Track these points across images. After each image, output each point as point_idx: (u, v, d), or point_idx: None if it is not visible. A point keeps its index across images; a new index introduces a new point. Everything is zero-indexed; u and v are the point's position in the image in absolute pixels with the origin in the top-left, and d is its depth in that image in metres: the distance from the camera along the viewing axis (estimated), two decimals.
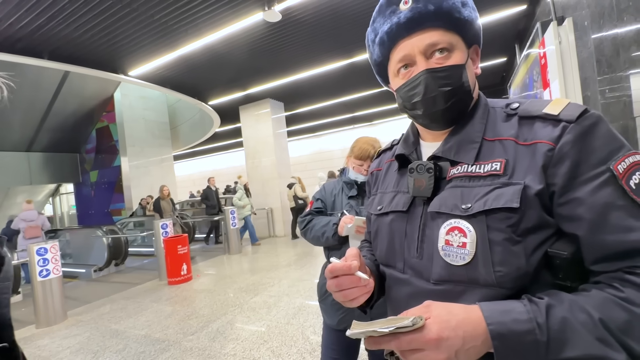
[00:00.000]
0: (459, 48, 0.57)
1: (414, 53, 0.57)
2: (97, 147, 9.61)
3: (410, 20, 0.56)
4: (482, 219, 0.50)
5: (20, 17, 3.80)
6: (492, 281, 0.49)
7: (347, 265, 0.56)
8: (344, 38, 5.15)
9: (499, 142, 0.55)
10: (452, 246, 0.52)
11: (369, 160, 1.43)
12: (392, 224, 0.65)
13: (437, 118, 0.58)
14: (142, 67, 5.47)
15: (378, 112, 11.52)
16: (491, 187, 0.51)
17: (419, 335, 0.42)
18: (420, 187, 0.60)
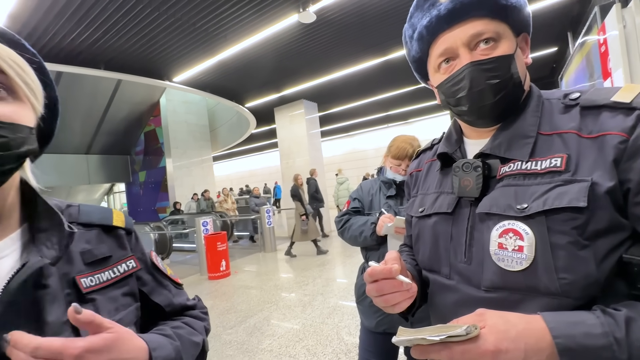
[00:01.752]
0: (506, 37, 0.53)
1: (457, 45, 0.53)
2: (145, 150, 10.35)
3: (452, 11, 0.52)
4: (542, 220, 0.45)
5: (81, 32, 4.19)
6: (556, 289, 0.44)
7: (387, 269, 0.52)
8: (378, 35, 5.07)
9: (558, 136, 0.50)
10: (506, 250, 0.48)
11: (407, 159, 1.38)
12: (435, 227, 0.61)
13: (485, 114, 0.54)
14: (185, 73, 5.80)
15: (413, 110, 11.20)
16: (551, 185, 0.46)
17: (474, 345, 0.39)
18: (467, 187, 0.55)
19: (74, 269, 0.46)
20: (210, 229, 5.46)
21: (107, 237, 0.53)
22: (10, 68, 0.40)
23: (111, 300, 0.48)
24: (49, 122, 0.49)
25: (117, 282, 0.50)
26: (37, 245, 0.43)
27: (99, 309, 0.46)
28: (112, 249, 0.53)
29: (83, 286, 0.46)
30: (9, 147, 0.38)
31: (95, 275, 0.48)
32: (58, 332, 0.40)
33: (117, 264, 0.52)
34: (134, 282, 0.54)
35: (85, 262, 0.48)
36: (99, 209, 0.56)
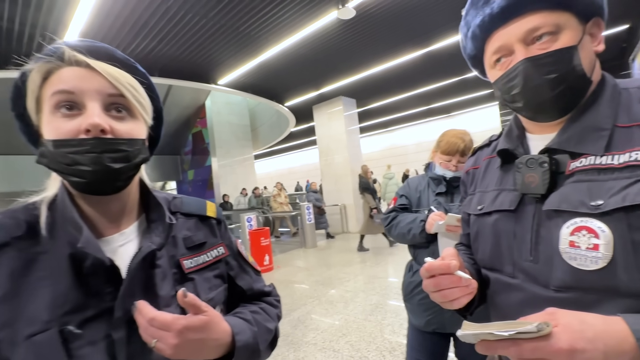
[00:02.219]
0: (568, 27, 0.49)
1: (511, 42, 0.52)
2: (193, 150, 11.03)
3: (505, 9, 0.51)
4: (621, 217, 0.43)
5: (138, 43, 4.57)
6: (637, 290, 0.42)
7: (445, 264, 0.52)
8: (420, 26, 4.89)
9: (639, 128, 0.46)
10: (579, 248, 0.45)
11: (458, 155, 1.33)
12: (496, 225, 0.59)
13: (543, 109, 0.52)
14: (228, 76, 6.08)
15: (457, 103, 10.65)
16: (632, 180, 0.43)
17: (545, 343, 0.37)
18: (532, 183, 0.53)
19: (178, 252, 0.55)
20: (254, 224, 5.69)
21: (203, 226, 0.61)
22: (128, 91, 0.48)
23: (206, 280, 0.56)
24: (155, 130, 0.57)
25: (210, 265, 0.58)
26: (149, 232, 0.52)
27: (197, 287, 0.54)
28: (207, 236, 0.60)
29: (185, 267, 0.54)
30: (129, 159, 0.47)
31: (194, 258, 0.56)
32: (168, 304, 0.49)
33: (210, 249, 0.59)
34: (223, 266, 0.62)
35: (186, 246, 0.56)
36: (196, 200, 0.64)
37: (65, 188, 0.48)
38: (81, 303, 0.43)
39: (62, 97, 0.44)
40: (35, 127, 0.48)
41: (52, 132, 0.44)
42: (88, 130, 0.43)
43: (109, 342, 0.44)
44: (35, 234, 0.45)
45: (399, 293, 3.61)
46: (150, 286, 0.49)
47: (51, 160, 0.44)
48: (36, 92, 0.46)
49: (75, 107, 0.45)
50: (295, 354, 2.55)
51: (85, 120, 0.43)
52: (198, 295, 0.48)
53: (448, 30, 5.09)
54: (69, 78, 0.45)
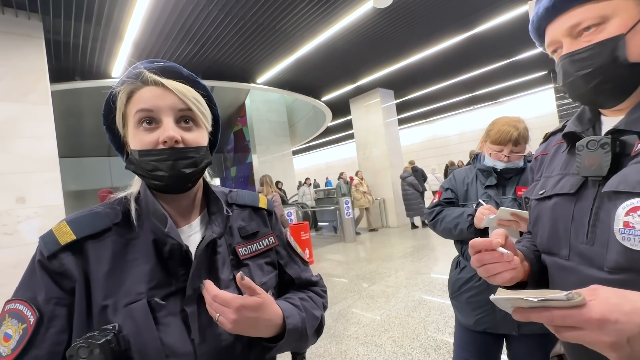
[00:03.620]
0: (620, 13, 0.49)
1: (558, 37, 0.54)
2: (235, 148, 11.52)
3: (554, 3, 0.53)
4: None
5: (183, 49, 4.85)
6: None
7: (488, 240, 0.55)
8: (461, 8, 4.60)
9: None
10: (633, 229, 0.45)
11: (511, 144, 1.23)
12: (555, 208, 0.60)
13: (589, 100, 0.54)
14: (266, 74, 6.22)
15: (504, 88, 9.89)
16: None
17: (577, 312, 0.38)
18: (593, 165, 0.52)
19: (234, 240, 0.62)
20: (294, 218, 5.82)
21: (256, 216, 0.68)
22: (194, 105, 0.56)
23: (259, 266, 0.63)
24: (214, 134, 0.66)
25: (262, 252, 0.64)
26: (211, 224, 0.60)
27: (251, 272, 0.61)
28: (259, 226, 0.67)
29: (240, 254, 0.61)
30: (197, 164, 0.55)
31: (248, 246, 0.63)
32: (227, 286, 0.56)
33: (262, 238, 0.66)
34: (274, 254, 0.68)
35: (241, 235, 0.64)
36: (250, 193, 0.71)
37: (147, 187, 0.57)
38: (163, 281, 0.52)
39: (143, 115, 0.53)
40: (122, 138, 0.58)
41: (137, 143, 0.54)
42: (165, 142, 0.52)
43: (185, 314, 0.52)
44: (128, 223, 0.55)
45: (442, 290, 3.49)
46: (213, 270, 0.56)
47: (137, 167, 0.54)
48: (122, 109, 0.56)
49: (153, 121, 0.54)
50: (337, 346, 2.58)
51: (163, 134, 0.53)
52: (252, 279, 0.55)
53: (495, 9, 4.73)
54: (148, 97, 0.54)
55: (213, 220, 0.60)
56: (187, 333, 0.51)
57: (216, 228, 0.58)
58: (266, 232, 0.67)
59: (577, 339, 0.39)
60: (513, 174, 1.27)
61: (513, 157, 1.25)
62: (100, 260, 0.51)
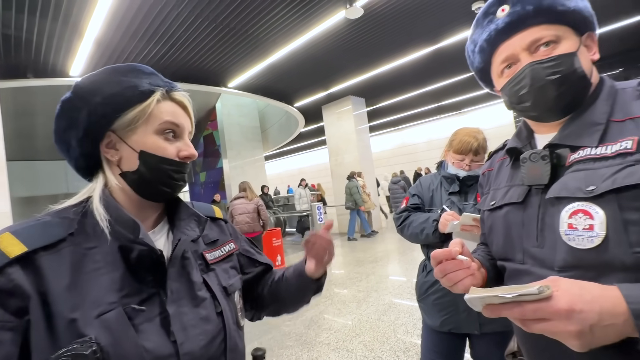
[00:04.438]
0: (566, 38, 0.56)
1: (517, 52, 0.58)
2: (204, 152, 11.18)
3: (509, 24, 0.57)
4: (612, 199, 0.47)
5: (150, 49, 4.67)
6: (630, 263, 0.45)
7: (447, 250, 0.58)
8: (428, 24, 4.85)
9: (631, 121, 0.52)
10: (576, 230, 0.50)
11: (471, 154, 1.31)
12: (507, 217, 0.64)
13: (549, 107, 0.57)
14: (238, 79, 6.14)
15: (468, 100, 10.47)
16: (622, 166, 0.48)
17: (546, 304, 0.40)
18: (535, 175, 0.58)
19: (199, 247, 0.64)
20: None
21: (214, 226, 0.71)
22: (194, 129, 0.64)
23: (224, 270, 0.66)
24: None
25: (225, 258, 0.68)
26: (180, 229, 0.61)
27: (218, 276, 0.63)
28: (218, 234, 0.71)
29: (208, 259, 0.64)
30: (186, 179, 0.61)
31: (212, 252, 0.66)
32: (200, 288, 0.58)
33: (223, 245, 0.69)
34: (236, 259, 0.72)
35: (205, 242, 0.66)
36: (205, 205, 0.75)
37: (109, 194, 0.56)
38: (135, 287, 0.52)
39: (170, 127, 0.58)
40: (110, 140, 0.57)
41: (158, 150, 0.56)
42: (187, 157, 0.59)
43: (162, 317, 0.52)
44: (84, 232, 0.53)
45: (411, 293, 3.59)
46: (185, 273, 0.58)
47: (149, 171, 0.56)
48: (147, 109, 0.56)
49: (175, 135, 0.59)
50: (308, 354, 2.57)
51: (188, 149, 0.59)
52: (220, 282, 0.62)
53: (457, 26, 5.03)
54: (176, 113, 0.59)
55: (183, 225, 0.62)
56: (166, 335, 0.51)
57: (190, 232, 0.61)
58: (225, 239, 0.71)
59: (545, 330, 0.42)
60: (474, 181, 1.35)
61: (474, 166, 1.33)
62: (58, 273, 0.48)
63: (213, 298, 0.58)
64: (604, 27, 5.80)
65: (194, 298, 0.56)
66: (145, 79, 0.57)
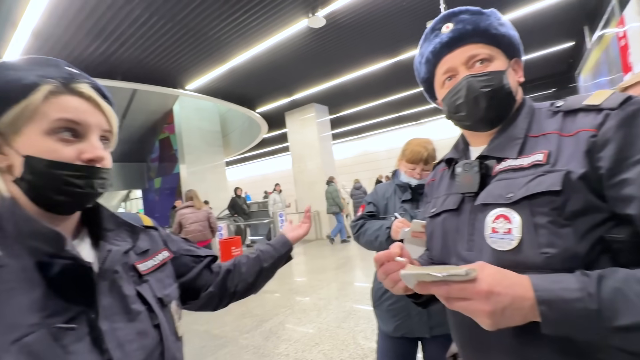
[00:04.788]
0: (498, 58, 0.64)
1: (457, 65, 0.64)
2: (160, 157, 10.58)
3: (452, 38, 0.64)
4: (526, 205, 0.53)
5: (98, 45, 4.34)
6: (540, 263, 0.50)
7: (387, 252, 0.61)
8: (387, 37, 5.06)
9: (543, 137, 0.58)
10: (498, 233, 0.55)
11: (422, 163, 1.37)
12: (444, 223, 0.69)
13: (480, 118, 0.63)
14: (197, 81, 5.92)
15: (425, 111, 11.07)
16: (534, 176, 0.54)
17: (471, 285, 0.45)
18: (467, 184, 0.64)
19: (130, 259, 0.60)
20: (224, 233, 5.53)
21: (144, 235, 0.67)
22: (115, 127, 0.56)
23: (159, 281, 0.62)
24: None
25: (159, 267, 0.64)
26: (108, 240, 0.57)
27: (152, 287, 0.60)
28: (149, 244, 0.67)
29: (140, 270, 0.60)
30: (105, 186, 0.54)
31: (144, 262, 0.62)
32: (134, 302, 0.54)
33: (155, 254, 0.66)
34: (171, 267, 0.69)
35: (135, 253, 0.62)
36: (130, 214, 0.69)
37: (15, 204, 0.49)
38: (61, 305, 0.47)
39: (66, 125, 0.49)
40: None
41: (47, 152, 0.48)
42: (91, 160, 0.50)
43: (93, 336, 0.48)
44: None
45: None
46: (117, 287, 0.54)
47: (39, 179, 0.48)
48: (32, 106, 0.48)
49: (76, 135, 0.50)
50: None
51: (92, 151, 0.51)
52: (154, 293, 0.58)
53: (414, 41, 5.31)
54: (77, 109, 0.50)
55: (111, 237, 0.58)
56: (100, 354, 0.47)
57: (121, 243, 0.58)
58: (157, 248, 0.68)
59: (463, 308, 0.46)
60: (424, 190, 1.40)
61: (424, 175, 1.39)
62: None
63: (149, 310, 0.56)
64: (539, 52, 6.48)
65: (128, 312, 0.53)
66: (37, 71, 0.49)
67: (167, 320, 0.58)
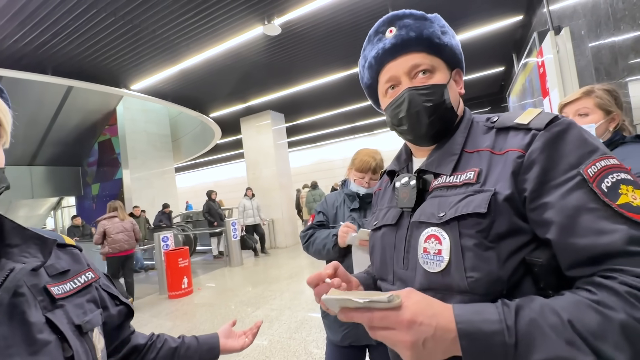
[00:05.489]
0: (440, 70, 0.62)
1: (399, 74, 0.62)
2: (99, 160, 9.66)
3: (395, 45, 0.61)
4: (455, 226, 0.51)
5: (25, 34, 3.87)
6: (465, 287, 0.49)
7: (317, 274, 0.59)
8: (342, 50, 5.22)
9: (477, 153, 0.57)
10: (429, 254, 0.54)
11: (370, 172, 1.42)
12: (383, 238, 0.67)
13: (422, 133, 0.61)
14: (144, 81, 5.54)
15: (378, 122, 11.58)
16: (464, 195, 0.53)
17: (394, 314, 0.42)
18: (405, 198, 0.62)
19: (41, 280, 0.52)
20: (170, 244, 5.18)
21: (63, 254, 0.60)
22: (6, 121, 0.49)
23: (78, 306, 0.55)
24: None
25: (80, 290, 0.57)
26: (12, 257, 0.49)
27: (69, 313, 0.53)
28: (69, 264, 0.59)
29: (54, 293, 0.52)
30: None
31: (60, 285, 0.54)
32: (41, 330, 0.47)
33: (77, 275, 0.58)
34: (95, 290, 0.61)
35: (49, 274, 0.54)
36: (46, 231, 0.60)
37: None
38: None
39: None
40: None
41: None
42: None
43: None
44: None
45: None
46: (16, 313, 0.47)
47: None
48: None
49: None
50: None
51: None
52: (71, 320, 0.51)
53: None
54: None
55: (16, 253, 0.50)
56: None
57: (29, 260, 0.49)
58: (80, 268, 0.60)
59: (386, 339, 0.43)
60: (372, 199, 1.45)
61: (372, 184, 1.43)
62: None
63: (62, 340, 0.48)
64: (476, 74, 7.18)
65: (31, 344, 0.45)
66: None
67: (85, 351, 0.51)
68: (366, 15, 4.24)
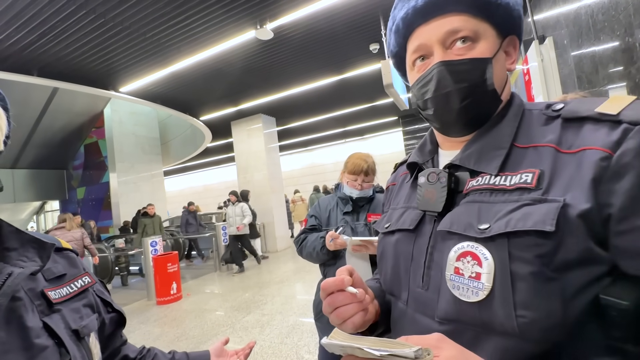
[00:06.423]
0: (486, 38, 0.47)
1: (431, 42, 0.48)
2: (85, 164, 9.46)
3: (428, 3, 0.47)
4: (504, 244, 0.39)
5: (10, 35, 3.78)
6: (513, 328, 0.37)
7: (339, 279, 0.48)
8: (333, 55, 5.28)
9: (534, 150, 0.43)
10: (462, 276, 0.41)
11: (362, 174, 1.44)
12: (397, 245, 0.54)
13: (450, 121, 0.49)
14: (133, 84, 5.47)
15: (369, 127, 11.70)
16: (518, 204, 0.40)
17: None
18: (430, 199, 0.49)
19: (38, 284, 0.52)
20: (159, 249, 5.09)
21: (60, 258, 0.60)
22: None
23: (74, 310, 0.55)
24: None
25: (77, 295, 0.57)
26: (10, 261, 0.49)
27: (65, 318, 0.52)
28: (66, 268, 0.59)
29: (52, 297, 0.52)
30: None
31: (57, 289, 0.54)
32: (38, 335, 0.47)
33: (73, 280, 0.58)
34: (92, 295, 0.61)
35: (46, 279, 0.54)
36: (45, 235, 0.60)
37: None
38: None
39: None
40: None
41: None
42: None
43: None
44: None
45: None
46: (14, 318, 0.46)
47: None
48: None
49: None
50: None
51: None
52: (68, 325, 0.51)
53: (358, 61, 5.62)
54: None
55: (15, 257, 0.50)
56: None
57: (27, 264, 0.50)
58: (77, 272, 0.60)
59: None
60: (365, 202, 1.47)
61: (365, 186, 1.45)
62: None
63: (59, 345, 0.48)
64: None
65: (28, 348, 0.45)
66: None
67: (82, 356, 0.51)
68: (359, 21, 4.30)
